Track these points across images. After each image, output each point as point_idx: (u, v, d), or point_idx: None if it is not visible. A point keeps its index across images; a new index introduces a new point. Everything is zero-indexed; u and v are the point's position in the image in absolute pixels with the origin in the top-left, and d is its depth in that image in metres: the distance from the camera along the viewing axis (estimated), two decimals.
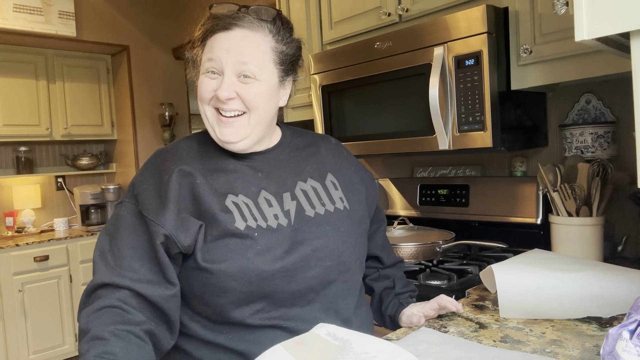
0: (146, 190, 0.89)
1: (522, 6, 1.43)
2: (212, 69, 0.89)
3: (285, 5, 2.21)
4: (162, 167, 0.91)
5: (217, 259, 0.85)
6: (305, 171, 1.00)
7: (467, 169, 1.97)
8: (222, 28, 0.89)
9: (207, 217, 0.87)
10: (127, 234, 0.86)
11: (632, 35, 0.69)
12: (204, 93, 0.91)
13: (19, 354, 3.08)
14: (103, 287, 0.82)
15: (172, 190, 0.87)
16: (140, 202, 0.87)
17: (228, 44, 0.89)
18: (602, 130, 1.52)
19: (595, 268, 1.10)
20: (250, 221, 0.89)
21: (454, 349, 0.92)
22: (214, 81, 0.90)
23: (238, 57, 0.88)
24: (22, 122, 3.43)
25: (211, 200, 0.88)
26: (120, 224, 0.88)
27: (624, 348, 0.68)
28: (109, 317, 0.78)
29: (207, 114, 0.92)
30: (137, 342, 0.78)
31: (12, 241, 3.20)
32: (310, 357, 0.72)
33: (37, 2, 3.15)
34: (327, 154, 1.06)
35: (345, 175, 1.06)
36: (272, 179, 0.95)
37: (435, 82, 1.48)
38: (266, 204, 0.92)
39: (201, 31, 0.92)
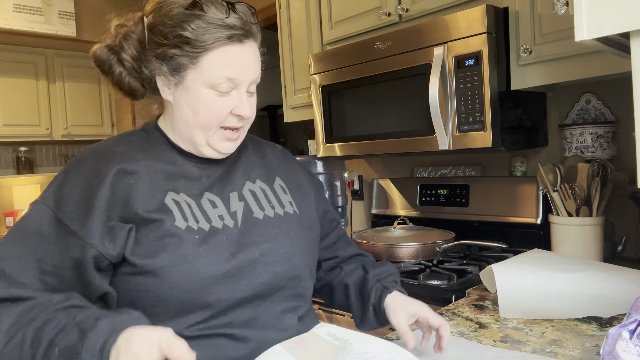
0: (71, 194, 0.78)
1: (522, 6, 1.43)
2: (227, 88, 0.82)
3: (285, 5, 2.21)
4: (95, 168, 0.80)
5: (153, 262, 0.76)
6: (254, 172, 0.94)
7: (467, 169, 1.97)
8: (237, 40, 0.81)
9: (141, 218, 0.78)
10: (36, 242, 0.76)
11: (632, 35, 0.69)
12: (220, 114, 0.82)
13: None
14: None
15: (102, 196, 0.77)
16: (62, 209, 0.77)
17: (246, 61, 0.82)
18: (602, 130, 1.52)
19: (595, 268, 1.10)
20: (192, 222, 0.81)
21: (454, 348, 0.92)
22: (227, 98, 0.82)
23: (254, 74, 0.84)
24: (22, 122, 3.43)
25: (149, 199, 0.79)
26: (28, 228, 0.77)
27: (624, 348, 0.68)
28: (30, 313, 0.71)
29: (209, 134, 0.84)
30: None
31: None
32: (310, 356, 0.71)
33: (37, 2, 3.15)
34: (274, 158, 1.01)
35: (294, 180, 1.00)
36: (218, 178, 0.89)
37: (435, 82, 1.48)
38: (210, 205, 0.85)
39: (207, 36, 0.79)
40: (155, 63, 0.83)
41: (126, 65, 0.86)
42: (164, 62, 0.82)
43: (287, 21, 2.21)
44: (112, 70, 0.87)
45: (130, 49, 0.85)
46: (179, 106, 0.84)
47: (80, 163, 0.82)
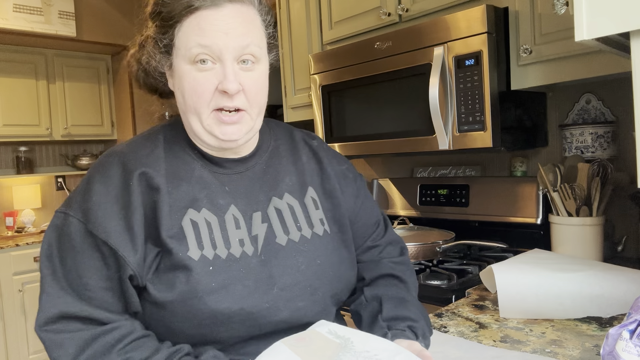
0: (99, 205, 0.72)
1: (522, 6, 1.43)
2: (204, 56, 0.72)
3: (285, 5, 2.21)
4: (122, 179, 0.74)
5: (164, 295, 0.72)
6: (283, 184, 0.84)
7: (467, 169, 1.97)
8: (210, 3, 0.72)
9: (163, 243, 0.73)
10: (82, 260, 0.71)
11: (632, 35, 0.69)
12: (203, 91, 0.73)
13: (19, 354, 3.08)
14: (58, 321, 0.70)
15: (135, 210, 0.72)
16: (92, 221, 0.71)
17: (224, 24, 0.71)
18: (602, 130, 1.52)
19: (595, 268, 1.10)
20: (207, 249, 0.74)
21: (454, 348, 0.92)
22: (210, 73, 0.72)
23: (238, 40, 0.72)
24: (22, 122, 3.43)
25: (168, 221, 0.73)
26: (68, 246, 0.72)
27: (624, 348, 0.68)
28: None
29: (201, 116, 0.75)
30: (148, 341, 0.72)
31: (12, 241, 3.20)
32: (311, 353, 0.71)
33: (37, 2, 3.15)
34: (308, 161, 0.90)
35: (327, 188, 0.89)
36: (241, 194, 0.80)
37: (435, 82, 1.49)
38: (234, 224, 0.77)
39: (168, 9, 0.73)
40: (157, 55, 0.78)
41: (144, 65, 0.82)
42: (158, 48, 0.77)
43: (287, 21, 2.21)
44: (137, 76, 0.85)
45: (147, 50, 0.81)
46: (176, 94, 0.79)
47: (104, 171, 0.76)
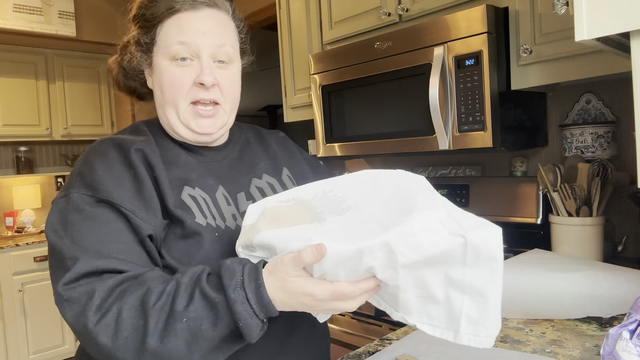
0: (106, 178, 0.73)
1: (522, 6, 1.43)
2: (183, 54, 0.78)
3: (285, 5, 2.21)
4: (122, 157, 0.77)
5: (177, 261, 0.75)
6: (259, 167, 0.92)
7: (467, 169, 1.97)
8: (189, 7, 0.79)
9: (171, 213, 0.76)
10: (97, 227, 0.70)
11: (632, 35, 0.69)
12: (181, 85, 0.79)
13: (19, 354, 3.08)
14: (85, 277, 0.67)
15: (144, 181, 0.75)
16: (104, 190, 0.72)
17: (201, 25, 0.79)
18: (602, 130, 1.52)
19: (595, 268, 1.10)
20: (210, 219, 0.79)
21: (454, 349, 0.92)
22: (188, 69, 0.79)
23: (215, 39, 0.79)
24: (22, 122, 3.43)
25: (168, 193, 0.77)
26: (79, 218, 0.71)
27: (624, 348, 0.68)
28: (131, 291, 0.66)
29: (179, 108, 0.80)
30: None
31: (12, 241, 3.20)
32: (291, 222, 0.68)
33: (37, 2, 3.15)
34: (278, 148, 0.99)
35: (299, 169, 0.98)
36: (224, 178, 0.86)
37: (435, 82, 1.48)
38: (225, 201, 0.83)
39: (150, 11, 0.80)
40: (137, 54, 0.84)
41: (125, 65, 0.88)
42: (139, 47, 0.83)
43: (287, 21, 2.21)
44: (117, 79, 0.91)
45: (127, 53, 0.87)
46: (155, 91, 0.85)
47: (101, 153, 0.78)
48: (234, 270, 0.64)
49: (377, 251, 0.58)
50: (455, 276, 0.60)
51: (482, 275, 0.60)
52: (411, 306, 0.63)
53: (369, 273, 0.61)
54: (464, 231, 0.59)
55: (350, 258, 0.59)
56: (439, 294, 0.61)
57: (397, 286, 0.61)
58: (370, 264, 0.59)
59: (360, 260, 0.59)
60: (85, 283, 0.66)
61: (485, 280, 0.60)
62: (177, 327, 0.62)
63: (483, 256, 0.59)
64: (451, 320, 0.61)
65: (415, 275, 0.60)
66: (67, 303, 0.66)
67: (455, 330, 0.61)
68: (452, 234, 0.59)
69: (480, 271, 0.59)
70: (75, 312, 0.65)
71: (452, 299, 0.61)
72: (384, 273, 0.60)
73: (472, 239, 0.58)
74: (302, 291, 0.62)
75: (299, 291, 0.62)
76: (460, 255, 0.59)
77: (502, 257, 0.59)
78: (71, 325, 0.67)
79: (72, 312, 0.65)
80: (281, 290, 0.63)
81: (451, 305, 0.61)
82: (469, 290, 0.60)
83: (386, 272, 0.60)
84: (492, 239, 0.59)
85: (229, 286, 0.62)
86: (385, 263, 0.59)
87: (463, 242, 0.58)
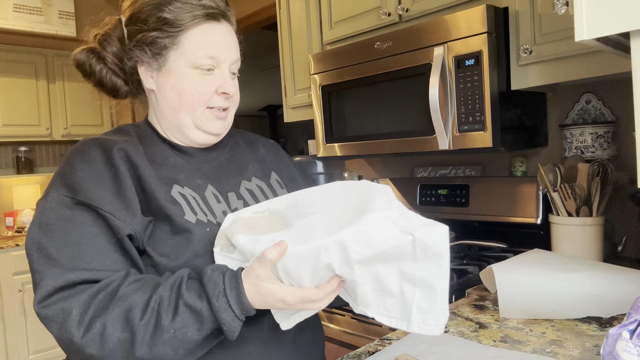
0: (85, 178, 0.74)
1: (522, 6, 1.43)
2: (209, 66, 0.83)
3: (285, 5, 2.21)
4: (103, 156, 0.78)
5: (166, 259, 0.76)
6: (249, 170, 0.94)
7: (467, 169, 1.97)
8: (212, 18, 0.83)
9: (156, 210, 0.77)
10: (74, 229, 0.71)
11: (632, 35, 0.69)
12: (205, 92, 0.83)
13: (19, 354, 3.08)
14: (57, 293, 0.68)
15: (124, 179, 0.76)
16: (83, 192, 0.73)
17: (225, 39, 0.84)
18: (602, 130, 1.52)
19: (595, 268, 1.10)
20: (201, 215, 0.80)
21: (454, 348, 0.92)
22: (210, 77, 0.83)
23: (234, 54, 0.86)
24: (22, 122, 3.43)
25: (157, 189, 0.77)
26: (54, 218, 0.72)
27: (624, 348, 0.68)
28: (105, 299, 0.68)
29: (197, 115, 0.84)
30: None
31: (12, 241, 3.20)
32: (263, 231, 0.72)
33: (37, 2, 3.15)
34: (267, 153, 1.01)
35: (287, 174, 1.00)
36: (213, 179, 0.88)
37: (435, 82, 1.48)
38: (214, 199, 0.85)
39: (182, 14, 0.82)
40: (136, 51, 0.85)
41: (107, 61, 0.88)
42: (146, 47, 0.83)
43: (287, 21, 2.21)
44: (92, 70, 0.90)
45: (110, 46, 0.88)
46: (163, 91, 0.85)
47: (83, 152, 0.79)
48: (216, 280, 0.69)
49: (332, 249, 0.64)
50: (408, 271, 0.66)
51: (430, 269, 0.66)
52: (369, 299, 0.69)
53: (329, 269, 0.66)
54: (413, 229, 0.64)
55: (309, 257, 0.65)
56: (393, 288, 0.67)
57: (354, 281, 0.67)
58: (327, 261, 0.65)
59: (317, 258, 0.65)
60: (58, 300, 0.68)
61: (433, 273, 0.66)
62: (165, 337, 0.67)
63: (430, 252, 0.65)
64: (404, 311, 0.68)
65: (370, 270, 0.66)
66: (46, 321, 0.68)
67: (407, 320, 0.68)
68: (402, 231, 0.64)
69: (428, 266, 0.66)
70: (56, 329, 0.68)
71: (405, 291, 0.67)
72: (341, 269, 0.66)
73: (420, 236, 0.64)
74: (273, 296, 0.67)
75: (270, 295, 0.68)
76: (410, 251, 0.65)
77: (447, 253, 0.65)
78: (57, 339, 0.69)
79: (54, 329, 0.68)
80: (256, 295, 0.68)
81: (404, 298, 0.67)
82: (419, 283, 0.67)
83: (343, 268, 0.65)
84: (438, 236, 0.65)
85: (213, 295, 0.68)
86: (340, 259, 0.65)
87: (412, 239, 0.64)
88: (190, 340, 0.67)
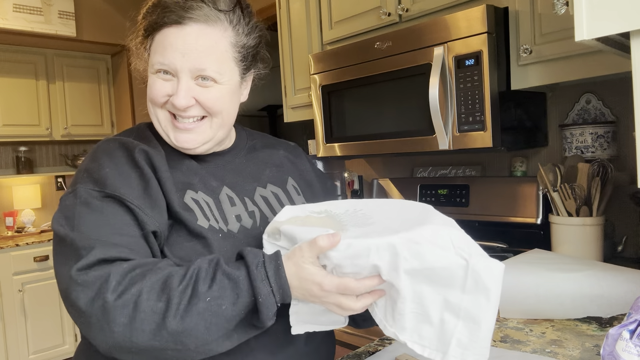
0: (113, 175, 0.75)
1: (522, 6, 1.43)
2: (164, 70, 0.78)
3: (285, 5, 2.21)
4: (129, 157, 0.78)
5: (185, 259, 0.75)
6: (264, 176, 0.91)
7: (467, 169, 1.97)
8: (174, 22, 0.76)
9: (175, 215, 0.77)
10: (104, 218, 0.71)
11: (632, 35, 0.69)
12: (156, 97, 0.79)
13: (19, 354, 3.08)
14: (100, 264, 0.67)
15: (150, 180, 0.76)
16: (111, 186, 0.73)
17: (183, 45, 0.76)
18: (602, 130, 1.52)
19: (595, 268, 1.10)
20: (213, 221, 0.80)
21: None
22: (167, 83, 0.78)
23: (194, 62, 0.76)
24: (22, 122, 3.43)
25: (172, 195, 0.77)
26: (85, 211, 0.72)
27: (624, 348, 0.68)
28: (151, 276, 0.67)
29: (158, 117, 0.81)
30: None
31: (12, 241, 3.20)
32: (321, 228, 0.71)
33: (37, 2, 3.15)
34: (285, 157, 0.97)
35: (305, 178, 0.97)
36: (228, 183, 0.86)
37: (435, 82, 1.48)
38: (228, 202, 0.83)
39: (146, 22, 0.79)
40: (140, 60, 0.85)
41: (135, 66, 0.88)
42: (144, 51, 0.83)
43: (287, 21, 2.21)
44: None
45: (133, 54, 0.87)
46: None
47: (108, 151, 0.79)
48: (256, 253, 0.69)
49: (383, 250, 0.62)
50: (453, 300, 0.63)
51: (478, 302, 0.62)
52: (406, 322, 0.65)
53: (375, 271, 0.64)
54: (469, 255, 0.61)
55: (359, 254, 0.63)
56: (434, 315, 0.64)
57: (398, 292, 0.64)
58: (375, 262, 0.62)
59: (367, 257, 0.62)
60: (99, 268, 0.67)
61: (481, 307, 0.62)
62: (200, 306, 0.65)
63: (482, 284, 0.61)
64: (441, 342, 0.64)
65: (415, 287, 0.63)
66: (81, 287, 0.66)
67: (444, 352, 0.64)
68: (457, 254, 0.61)
69: (477, 299, 0.62)
70: (89, 296, 0.65)
71: (445, 321, 0.63)
72: (389, 274, 0.63)
73: (474, 265, 0.61)
74: (312, 279, 0.66)
75: (309, 278, 0.66)
76: (460, 277, 0.62)
77: (498, 291, 0.62)
78: (84, 310, 0.66)
79: (87, 297, 0.65)
80: (295, 275, 0.67)
81: (444, 328, 0.63)
82: (464, 315, 0.62)
83: (390, 274, 0.63)
84: (494, 271, 0.62)
85: (252, 263, 0.67)
86: (389, 264, 0.62)
87: (465, 265, 0.61)
88: (224, 315, 0.65)
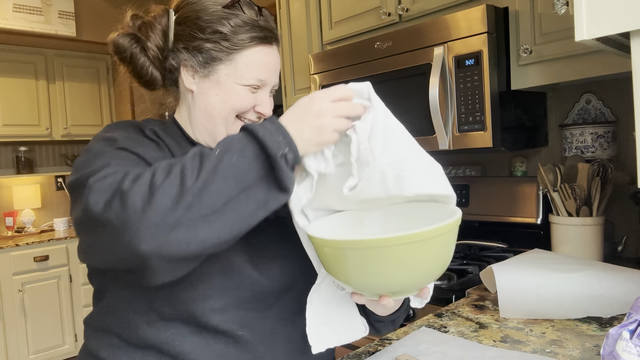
0: (125, 138, 0.77)
1: (522, 6, 1.43)
2: (257, 87, 0.85)
3: (285, 5, 2.21)
4: (142, 137, 0.82)
5: None
6: None
7: (467, 169, 1.97)
8: (267, 41, 0.85)
9: None
10: (117, 159, 0.72)
11: (632, 35, 0.69)
12: (245, 106, 0.85)
13: (19, 354, 3.08)
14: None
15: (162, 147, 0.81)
16: (123, 143, 0.76)
17: (274, 63, 0.87)
18: (602, 130, 1.52)
19: (595, 268, 1.10)
20: None
21: (454, 349, 0.92)
22: (253, 95, 0.85)
23: (276, 79, 0.88)
24: (22, 122, 3.43)
25: None
26: (101, 150, 0.74)
27: (624, 348, 0.68)
28: None
29: (229, 124, 0.85)
30: None
31: (12, 241, 3.20)
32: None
33: (37, 2, 3.15)
34: None
35: None
36: None
37: (435, 82, 1.48)
38: None
39: (240, 33, 0.83)
40: (185, 54, 0.84)
41: (150, 54, 0.85)
42: (197, 54, 0.83)
43: (287, 21, 2.21)
44: (134, 60, 0.86)
45: (155, 39, 0.86)
46: (205, 96, 0.85)
47: (123, 128, 0.82)
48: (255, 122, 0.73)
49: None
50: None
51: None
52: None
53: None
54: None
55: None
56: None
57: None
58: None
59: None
60: (113, 175, 0.66)
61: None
62: (212, 161, 0.63)
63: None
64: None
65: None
66: (97, 192, 0.63)
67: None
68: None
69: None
70: (107, 197, 0.62)
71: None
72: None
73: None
74: (302, 100, 0.70)
75: (300, 101, 0.70)
76: None
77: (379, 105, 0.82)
78: (102, 212, 0.62)
79: (104, 198, 0.63)
80: (290, 113, 0.70)
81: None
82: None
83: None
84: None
85: (250, 125, 0.68)
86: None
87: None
88: (237, 167, 0.63)
